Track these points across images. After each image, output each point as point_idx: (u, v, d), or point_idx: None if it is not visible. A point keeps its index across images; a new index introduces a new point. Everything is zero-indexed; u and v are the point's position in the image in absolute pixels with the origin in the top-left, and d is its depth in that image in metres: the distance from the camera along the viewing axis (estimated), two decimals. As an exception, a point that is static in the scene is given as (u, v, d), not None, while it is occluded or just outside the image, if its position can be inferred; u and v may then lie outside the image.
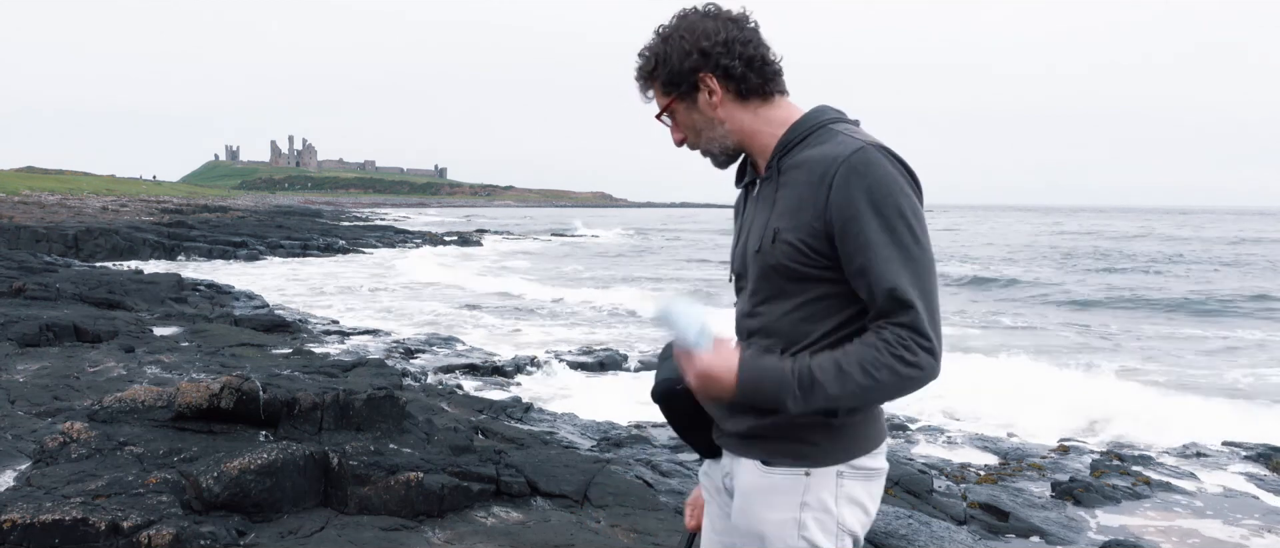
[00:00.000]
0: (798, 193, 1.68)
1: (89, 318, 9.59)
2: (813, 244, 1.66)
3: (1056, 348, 13.61)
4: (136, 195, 69.91)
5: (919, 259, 1.62)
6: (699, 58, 1.73)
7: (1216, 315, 18.18)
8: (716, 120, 1.77)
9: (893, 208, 1.61)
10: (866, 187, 1.60)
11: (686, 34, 1.74)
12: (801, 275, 1.69)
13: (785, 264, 1.69)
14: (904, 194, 1.62)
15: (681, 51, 1.74)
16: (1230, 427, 8.59)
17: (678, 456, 6.40)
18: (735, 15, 1.76)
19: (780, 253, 1.69)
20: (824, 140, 1.69)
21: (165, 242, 27.16)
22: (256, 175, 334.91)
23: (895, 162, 1.64)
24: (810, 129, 1.73)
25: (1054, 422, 8.61)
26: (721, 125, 1.78)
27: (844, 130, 1.70)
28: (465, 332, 13.53)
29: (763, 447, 1.75)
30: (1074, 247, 44.72)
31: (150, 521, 3.63)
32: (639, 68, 1.80)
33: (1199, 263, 34.15)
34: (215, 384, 4.67)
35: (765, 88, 1.76)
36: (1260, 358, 12.95)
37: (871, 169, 1.61)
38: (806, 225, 1.66)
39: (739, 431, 1.79)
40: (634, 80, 1.82)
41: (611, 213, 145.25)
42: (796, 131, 1.74)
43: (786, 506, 1.72)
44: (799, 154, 1.71)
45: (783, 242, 1.69)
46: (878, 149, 1.64)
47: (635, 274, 27.76)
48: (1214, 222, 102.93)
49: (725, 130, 1.78)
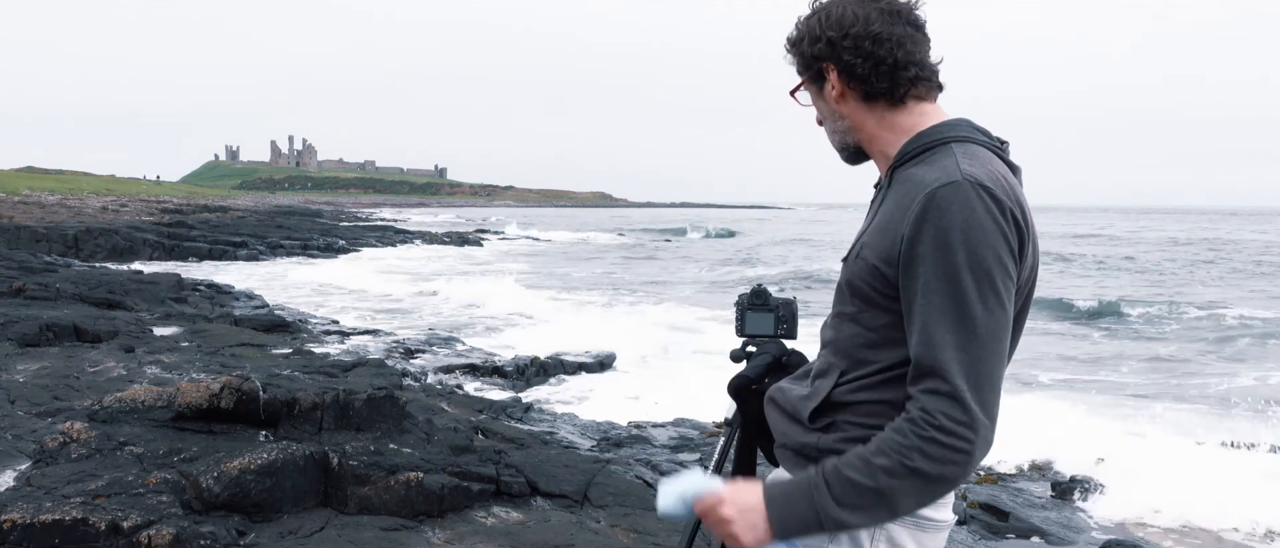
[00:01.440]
0: (891, 213, 1.54)
1: (89, 318, 9.59)
2: (885, 272, 1.52)
3: (1057, 346, 13.61)
4: (136, 195, 69.91)
5: (975, 320, 1.42)
6: (825, 46, 1.60)
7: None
8: (837, 114, 1.66)
9: (965, 257, 1.42)
10: (942, 226, 1.43)
11: (824, 16, 1.61)
12: (871, 300, 1.56)
13: (858, 283, 1.57)
14: (986, 244, 1.42)
15: (813, 34, 1.62)
16: (1230, 427, 8.59)
17: (678, 455, 6.40)
18: (893, 7, 1.59)
19: (858, 270, 1.58)
20: (935, 160, 1.53)
21: (165, 242, 27.15)
22: (256, 175, 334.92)
23: (990, 202, 1.44)
24: (930, 144, 1.56)
25: (1053, 422, 8.60)
26: (842, 120, 1.66)
27: (962, 152, 1.52)
28: (465, 331, 13.53)
29: (803, 468, 1.63)
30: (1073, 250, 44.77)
31: (150, 521, 3.63)
32: (787, 36, 1.67)
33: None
34: (215, 384, 4.68)
35: (894, 92, 1.59)
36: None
37: (954, 207, 1.43)
38: (886, 250, 1.51)
39: (788, 443, 1.71)
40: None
41: (606, 213, 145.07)
42: (916, 144, 1.58)
43: (817, 537, 1.57)
44: (911, 168, 1.56)
45: (863, 259, 1.57)
46: (974, 185, 1.44)
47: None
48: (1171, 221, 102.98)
49: (845, 126, 1.66)
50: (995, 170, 1.50)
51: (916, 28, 1.61)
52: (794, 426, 1.69)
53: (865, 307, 1.58)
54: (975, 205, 1.43)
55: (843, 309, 1.63)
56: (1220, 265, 33.09)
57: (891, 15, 1.58)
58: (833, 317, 1.68)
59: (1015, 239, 1.47)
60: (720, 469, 2.00)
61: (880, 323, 1.56)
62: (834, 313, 1.68)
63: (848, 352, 1.61)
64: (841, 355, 1.62)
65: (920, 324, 1.45)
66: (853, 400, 1.59)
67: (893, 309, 1.53)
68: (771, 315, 2.24)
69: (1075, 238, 54.19)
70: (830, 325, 1.68)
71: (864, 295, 1.57)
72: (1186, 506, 6.19)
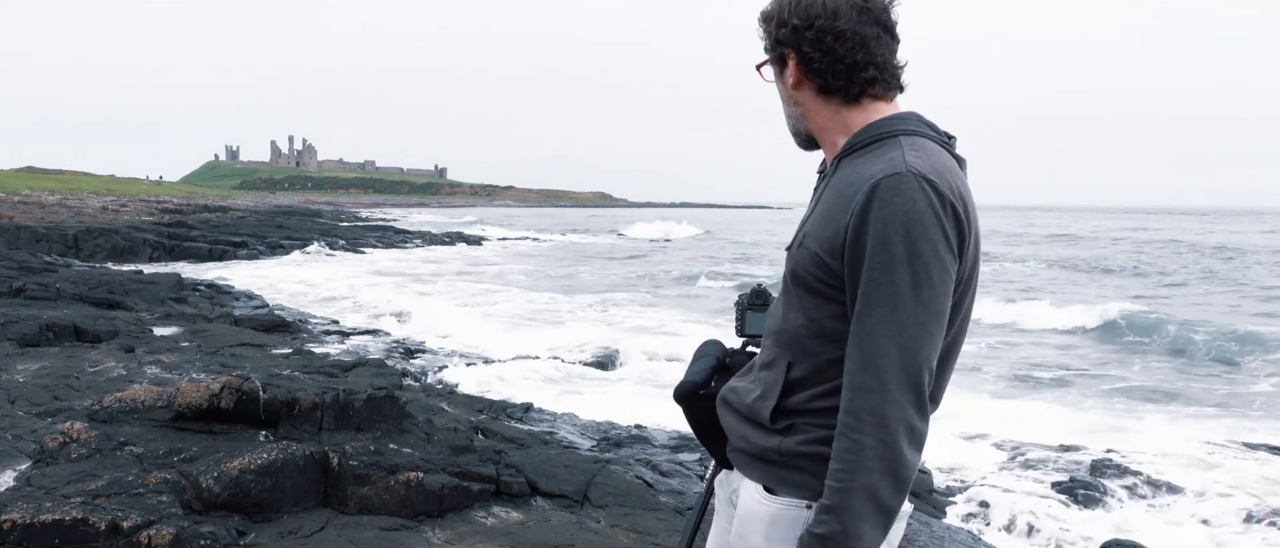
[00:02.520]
0: (833, 202, 1.56)
1: (89, 318, 9.60)
2: (828, 262, 1.54)
3: (1056, 345, 13.61)
4: (136, 195, 69.91)
5: (908, 309, 1.45)
6: (789, 32, 1.60)
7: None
8: (792, 99, 1.67)
9: (903, 248, 1.45)
10: (883, 217, 1.45)
11: (794, 1, 1.60)
12: (816, 290, 1.57)
13: (801, 273, 1.59)
14: (924, 237, 1.45)
15: (780, 17, 1.62)
16: (1230, 427, 8.60)
17: (678, 456, 6.40)
18: (866, 4, 1.58)
19: (801, 260, 1.59)
20: (881, 152, 1.54)
21: (165, 242, 27.16)
22: (256, 175, 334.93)
23: (933, 195, 1.46)
24: (879, 136, 1.57)
25: (1053, 422, 8.61)
26: (796, 106, 1.67)
27: (909, 145, 1.53)
28: (465, 331, 13.53)
29: (766, 471, 1.65)
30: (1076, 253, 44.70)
31: (150, 521, 3.63)
32: (761, 10, 1.66)
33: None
34: (215, 384, 4.68)
35: (849, 90, 1.60)
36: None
37: (896, 198, 1.45)
38: (828, 241, 1.53)
39: (746, 448, 1.69)
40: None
41: (605, 213, 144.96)
42: (864, 136, 1.59)
43: (783, 538, 1.61)
44: (854, 161, 1.57)
45: (806, 249, 1.58)
46: (917, 177, 1.46)
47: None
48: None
49: (798, 113, 1.67)
50: (940, 163, 1.52)
51: (885, 29, 1.60)
52: (752, 428, 1.67)
53: (810, 297, 1.58)
54: (917, 198, 1.46)
55: (788, 299, 1.64)
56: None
57: (862, 12, 1.58)
58: (777, 306, 1.70)
59: (954, 232, 1.49)
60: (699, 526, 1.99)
61: (825, 313, 1.57)
62: (777, 302, 1.70)
63: (793, 342, 1.62)
64: (787, 346, 1.63)
65: (857, 312, 1.49)
66: (812, 407, 1.60)
67: (837, 299, 1.55)
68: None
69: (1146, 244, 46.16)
70: (775, 316, 1.69)
71: (808, 286, 1.58)
72: (1186, 505, 6.20)
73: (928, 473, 6.41)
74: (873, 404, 1.46)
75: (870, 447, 1.46)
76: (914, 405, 1.47)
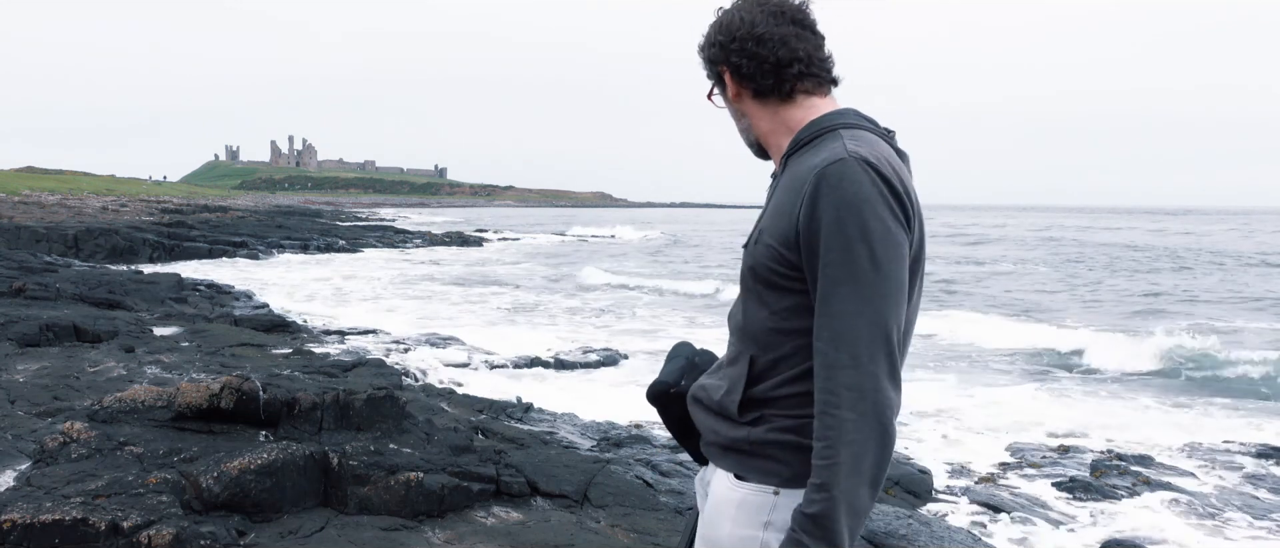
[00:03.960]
0: (784, 198, 1.64)
1: (89, 318, 9.59)
2: (785, 254, 1.60)
3: (1064, 344, 13.60)
4: (136, 195, 69.90)
5: (870, 284, 1.51)
6: (718, 51, 1.74)
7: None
8: (739, 112, 1.79)
9: (855, 227, 1.52)
10: (833, 201, 1.53)
11: (718, 24, 1.74)
12: (775, 284, 1.63)
13: (760, 268, 1.65)
14: (874, 214, 1.52)
15: (709, 40, 1.76)
16: (1230, 427, 8.60)
17: (678, 456, 6.40)
18: (779, 7, 1.70)
19: (759, 254, 1.66)
20: (821, 147, 1.63)
21: (165, 242, 27.16)
22: (256, 175, 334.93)
23: (876, 176, 1.54)
24: (819, 132, 1.66)
25: (1053, 422, 8.61)
26: (743, 118, 1.79)
27: (849, 136, 1.62)
28: (465, 331, 13.54)
29: (737, 460, 1.71)
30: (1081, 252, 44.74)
31: (150, 521, 3.63)
32: (698, 44, 1.80)
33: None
34: (215, 384, 4.68)
35: (781, 88, 1.71)
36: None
37: (843, 183, 1.53)
38: (782, 233, 1.60)
39: (717, 441, 1.75)
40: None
41: (608, 213, 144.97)
42: (806, 133, 1.68)
43: (750, 522, 1.67)
44: (802, 156, 1.66)
45: (763, 244, 1.65)
46: (859, 162, 1.55)
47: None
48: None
49: (746, 123, 1.79)
50: (880, 151, 1.60)
51: (803, 26, 1.71)
52: (722, 421, 1.73)
53: (768, 290, 1.65)
54: (861, 179, 1.54)
55: (748, 295, 1.71)
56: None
57: (776, 15, 1.70)
58: (738, 303, 1.76)
59: (900, 208, 1.57)
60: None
61: (784, 306, 1.63)
62: (739, 299, 1.76)
63: (756, 336, 1.68)
64: (750, 340, 1.69)
65: (822, 295, 1.54)
66: (777, 395, 1.66)
67: (796, 289, 1.61)
68: None
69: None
70: (736, 312, 1.76)
71: (766, 280, 1.65)
72: (1186, 504, 6.20)
73: (928, 473, 6.41)
74: (849, 379, 1.51)
75: (851, 420, 1.51)
76: (888, 376, 1.53)
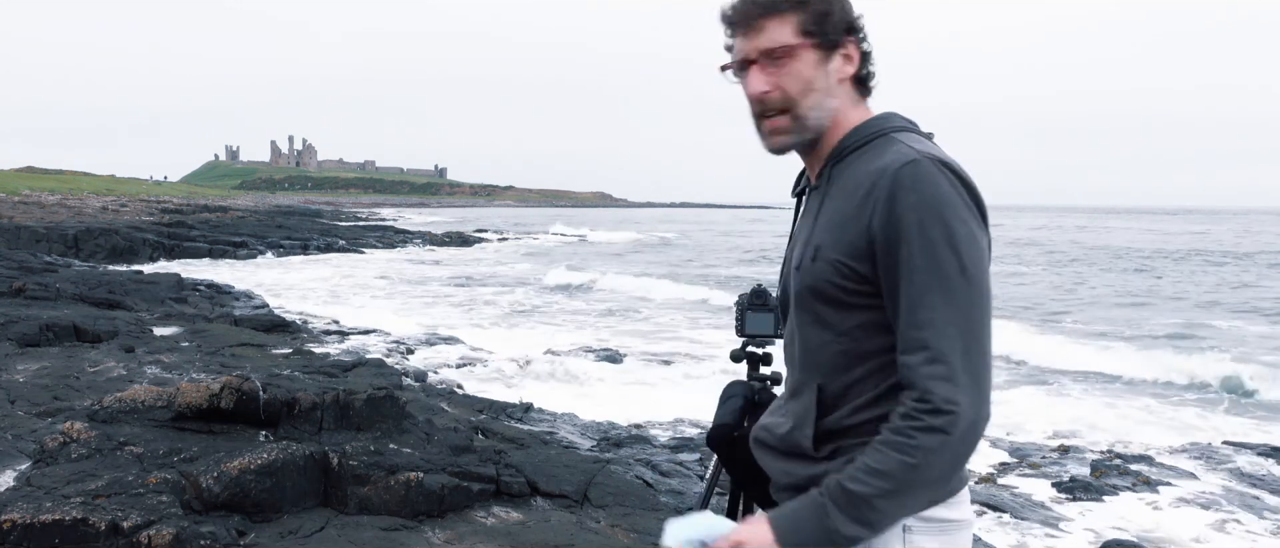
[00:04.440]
0: (842, 206, 1.50)
1: (89, 318, 9.59)
2: (855, 266, 1.47)
3: (1060, 344, 13.60)
4: (136, 195, 69.90)
5: (960, 291, 1.40)
6: (855, 21, 1.54)
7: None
8: (833, 92, 1.55)
9: (940, 230, 1.40)
10: (914, 204, 1.41)
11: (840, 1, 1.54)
12: (842, 302, 1.50)
13: (824, 287, 1.51)
14: (958, 216, 1.42)
15: (841, 6, 1.53)
16: (1230, 427, 8.60)
17: (678, 456, 6.40)
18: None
19: (820, 273, 1.51)
20: (883, 150, 1.50)
21: (165, 242, 27.15)
22: (256, 175, 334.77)
23: (953, 178, 1.45)
24: (870, 136, 1.54)
25: (1053, 422, 8.61)
26: (832, 100, 1.55)
27: (907, 139, 1.50)
28: (465, 331, 13.54)
29: None
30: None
31: (150, 521, 3.63)
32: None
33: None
34: (215, 384, 4.68)
35: (868, 82, 1.58)
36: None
37: (921, 184, 1.42)
38: (849, 244, 1.47)
39: (791, 482, 1.60)
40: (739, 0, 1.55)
41: (605, 213, 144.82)
42: (855, 137, 1.55)
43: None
44: (853, 162, 1.53)
45: (824, 260, 1.50)
46: (934, 162, 1.44)
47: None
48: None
49: (832, 108, 1.55)
50: (948, 153, 1.50)
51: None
52: (795, 462, 1.59)
53: (833, 310, 1.52)
54: (939, 180, 1.43)
55: (805, 319, 1.56)
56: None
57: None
58: (794, 331, 1.60)
59: (979, 212, 1.47)
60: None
61: (852, 325, 1.51)
62: (794, 326, 1.60)
63: (821, 363, 1.55)
64: (814, 369, 1.56)
65: (907, 306, 1.42)
66: (853, 423, 1.53)
67: (865, 305, 1.49)
68: (771, 316, 2.23)
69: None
70: (794, 341, 1.61)
71: (830, 298, 1.51)
72: (1186, 504, 6.20)
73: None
74: (944, 392, 1.38)
75: (938, 438, 1.38)
76: (985, 389, 1.42)
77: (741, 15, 1.53)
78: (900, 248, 1.42)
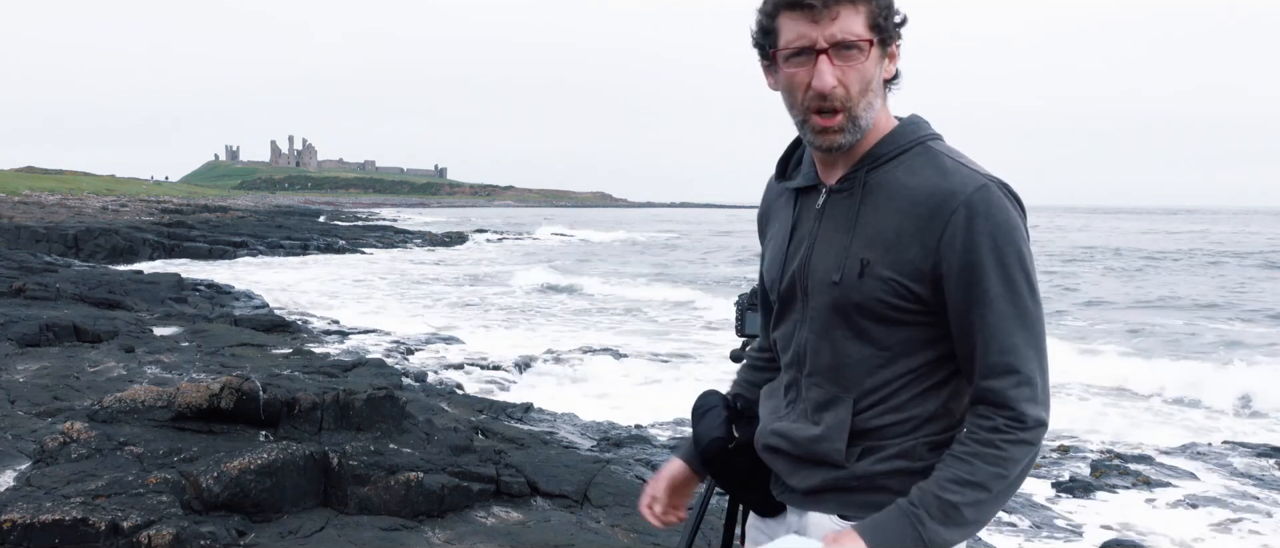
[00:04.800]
0: (896, 222, 1.47)
1: (89, 318, 9.59)
2: (913, 288, 1.46)
3: (1060, 344, 13.60)
4: (136, 195, 69.92)
5: (1035, 318, 1.46)
6: (899, 20, 1.49)
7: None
8: (881, 92, 1.50)
9: (1014, 259, 1.43)
10: (990, 232, 1.42)
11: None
12: (891, 320, 1.49)
13: (873, 305, 1.48)
14: (1025, 243, 1.46)
15: (886, 6, 1.46)
16: (1230, 427, 8.60)
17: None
18: None
19: (870, 290, 1.47)
20: (927, 164, 1.48)
21: (165, 242, 27.15)
22: (256, 175, 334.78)
23: (1015, 203, 1.47)
24: (909, 144, 1.51)
25: (1053, 422, 8.61)
26: (878, 101, 1.50)
27: (949, 154, 1.50)
28: (465, 332, 13.55)
29: (839, 499, 1.57)
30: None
31: (150, 521, 3.63)
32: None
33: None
34: (215, 384, 4.68)
35: (893, 84, 1.53)
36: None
37: (995, 213, 1.43)
38: (910, 264, 1.45)
39: (806, 486, 1.60)
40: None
41: (599, 213, 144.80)
42: (892, 144, 1.51)
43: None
44: (891, 171, 1.50)
45: (874, 277, 1.47)
46: (1001, 188, 1.45)
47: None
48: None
49: (877, 109, 1.50)
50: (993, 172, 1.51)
51: None
52: (817, 468, 1.57)
53: (878, 326, 1.50)
54: (1008, 208, 1.45)
55: (844, 333, 1.53)
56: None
57: None
58: (817, 341, 1.56)
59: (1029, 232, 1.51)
60: (695, 534, 1.93)
61: (895, 340, 1.50)
62: (819, 337, 1.56)
63: (857, 378, 1.53)
64: (849, 383, 1.54)
65: (990, 332, 1.44)
66: (881, 425, 1.53)
67: (914, 323, 1.49)
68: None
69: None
70: (821, 353, 1.56)
71: (878, 316, 1.49)
72: (1186, 504, 6.20)
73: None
74: (1032, 412, 1.45)
75: (1026, 448, 1.46)
76: (1048, 411, 1.49)
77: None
78: (978, 275, 1.43)
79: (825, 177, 1.57)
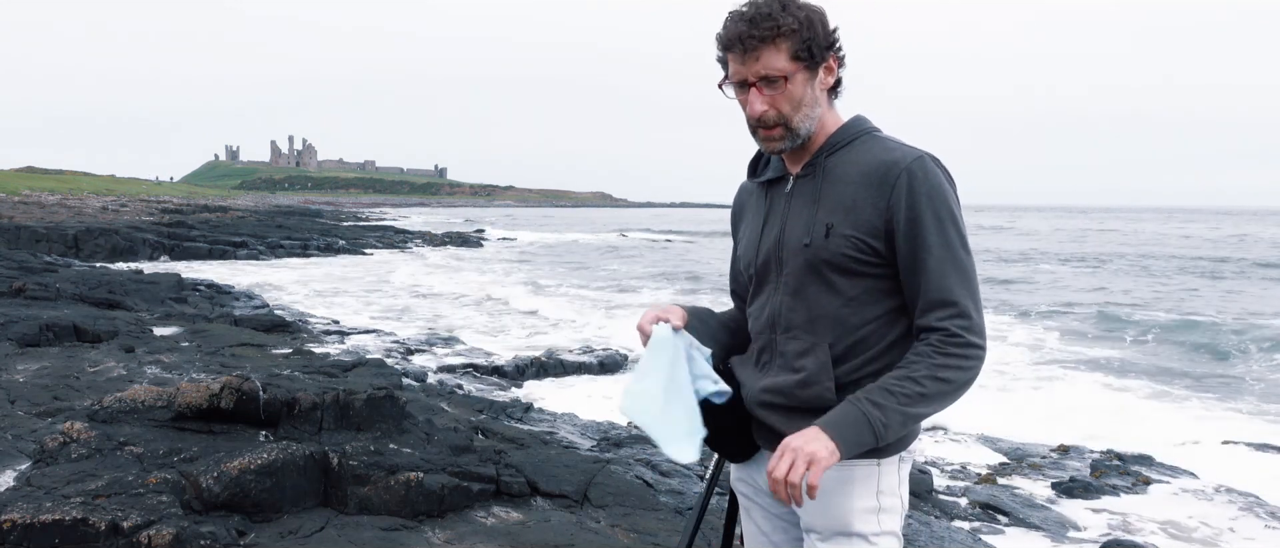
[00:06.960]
0: (852, 192, 1.79)
1: (89, 318, 9.59)
2: (871, 242, 1.77)
3: (1061, 345, 13.60)
4: (136, 195, 69.91)
5: (966, 263, 1.76)
6: (832, 35, 1.80)
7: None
8: (817, 102, 1.82)
9: (947, 214, 1.75)
10: (927, 192, 1.74)
11: (820, 13, 1.79)
12: (853, 270, 1.79)
13: (838, 259, 1.79)
14: (956, 202, 1.77)
15: (824, 26, 1.79)
16: (1230, 426, 8.60)
17: (678, 455, 6.39)
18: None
19: (836, 247, 1.79)
20: (873, 146, 1.82)
21: (165, 242, 27.15)
22: (256, 175, 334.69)
23: (945, 171, 1.79)
24: (857, 134, 1.86)
25: (1054, 421, 8.61)
26: (817, 108, 1.83)
27: (889, 138, 1.84)
28: (465, 331, 13.55)
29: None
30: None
31: (150, 521, 3.63)
32: (767, 18, 1.74)
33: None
34: (215, 384, 4.68)
35: (838, 89, 1.86)
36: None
37: (930, 177, 1.75)
38: (867, 223, 1.77)
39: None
40: (738, 29, 1.75)
41: (598, 214, 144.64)
42: (844, 135, 1.85)
43: (866, 494, 1.82)
44: (845, 155, 1.83)
45: (839, 236, 1.78)
46: (932, 158, 1.78)
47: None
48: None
49: (818, 115, 1.83)
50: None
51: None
52: (810, 416, 1.76)
53: (843, 277, 1.80)
54: (938, 173, 1.77)
55: (816, 288, 1.83)
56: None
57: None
58: (793, 301, 1.86)
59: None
60: (699, 524, 2.00)
61: (857, 291, 1.80)
62: (795, 296, 1.85)
63: (830, 325, 1.82)
64: (824, 330, 1.82)
65: (931, 272, 1.74)
66: (862, 376, 1.81)
67: (872, 274, 1.79)
68: None
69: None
70: (796, 307, 1.86)
71: (843, 268, 1.80)
72: (1186, 504, 6.20)
73: (928, 473, 6.41)
74: (973, 338, 1.73)
75: (965, 368, 1.73)
76: (984, 338, 1.76)
77: (739, 42, 1.75)
78: (919, 228, 1.74)
79: (791, 168, 1.90)
